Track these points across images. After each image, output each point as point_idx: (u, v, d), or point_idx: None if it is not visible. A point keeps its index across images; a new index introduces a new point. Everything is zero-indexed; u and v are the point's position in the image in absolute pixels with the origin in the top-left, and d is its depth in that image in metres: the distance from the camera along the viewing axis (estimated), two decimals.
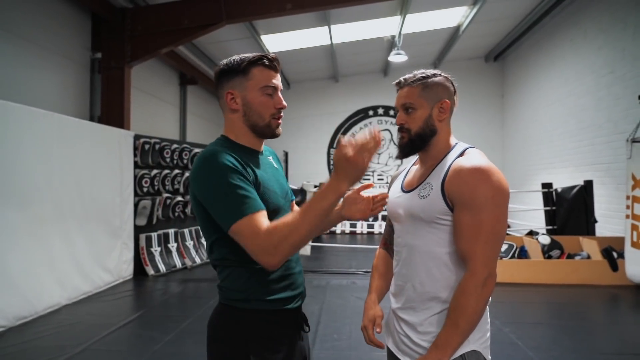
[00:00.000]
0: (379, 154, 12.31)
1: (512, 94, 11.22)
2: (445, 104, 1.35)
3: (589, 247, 5.85)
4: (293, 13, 6.57)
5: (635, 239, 5.01)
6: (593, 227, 6.59)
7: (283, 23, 7.88)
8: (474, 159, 1.27)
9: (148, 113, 8.38)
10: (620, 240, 5.56)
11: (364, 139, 1.12)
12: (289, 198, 1.46)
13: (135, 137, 6.17)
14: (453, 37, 9.62)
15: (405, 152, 1.38)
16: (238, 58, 1.32)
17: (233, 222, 1.16)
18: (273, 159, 1.49)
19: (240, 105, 1.32)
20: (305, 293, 1.45)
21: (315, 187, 8.40)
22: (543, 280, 5.60)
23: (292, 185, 7.79)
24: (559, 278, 5.59)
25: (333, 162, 1.15)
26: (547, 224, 7.33)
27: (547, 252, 5.87)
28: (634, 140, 5.06)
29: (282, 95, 1.36)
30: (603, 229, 6.76)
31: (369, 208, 1.50)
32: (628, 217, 5.12)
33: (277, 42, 8.99)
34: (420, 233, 1.32)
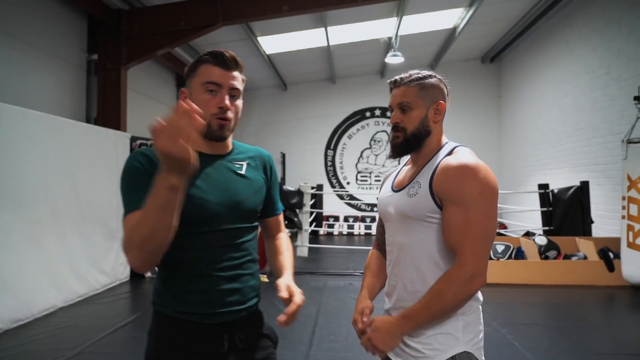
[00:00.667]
0: (376, 155, 12.33)
1: (508, 95, 11.25)
2: (441, 106, 1.36)
3: (586, 247, 5.87)
4: (289, 15, 6.57)
5: (631, 240, 5.03)
6: (589, 227, 6.61)
7: (279, 25, 7.88)
8: (462, 157, 1.28)
9: (144, 115, 8.36)
10: (617, 241, 5.57)
11: (170, 119, 0.96)
12: (243, 210, 1.32)
13: (132, 138, 6.15)
14: (449, 38, 9.64)
15: (400, 152, 1.38)
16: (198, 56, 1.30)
17: (123, 217, 1.15)
18: (249, 165, 1.39)
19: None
20: (244, 311, 1.32)
21: (313, 188, 8.39)
22: (539, 281, 5.61)
23: (289, 187, 7.81)
24: (556, 279, 5.60)
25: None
26: (543, 225, 7.34)
27: (543, 252, 5.89)
28: (630, 141, 5.08)
29: (237, 98, 1.29)
30: (599, 230, 6.79)
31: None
32: (624, 217, 5.14)
33: (273, 43, 9.00)
34: (410, 232, 1.33)
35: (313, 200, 8.82)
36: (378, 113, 12.33)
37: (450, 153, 1.33)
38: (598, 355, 3.39)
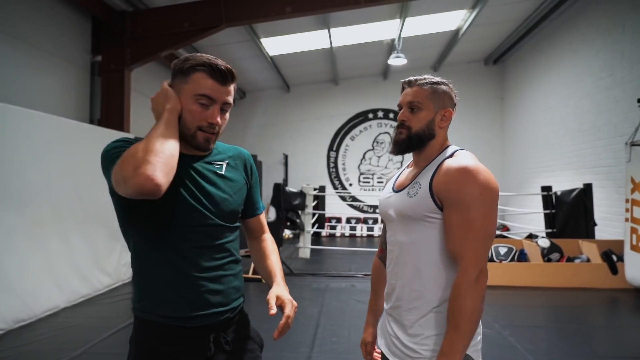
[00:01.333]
0: (379, 157, 12.32)
1: (511, 97, 11.24)
2: (448, 113, 1.39)
3: (589, 250, 5.85)
4: (293, 16, 6.58)
5: (635, 242, 5.01)
6: (592, 230, 6.58)
7: (283, 26, 7.90)
8: (463, 159, 1.30)
9: (148, 116, 8.31)
10: (620, 244, 5.56)
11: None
12: (223, 211, 1.30)
13: (135, 139, 6.16)
14: (452, 40, 9.64)
15: (402, 148, 1.39)
16: (189, 56, 1.24)
17: (115, 165, 1.13)
18: (228, 165, 1.37)
19: None
20: (227, 312, 1.31)
21: (315, 189, 8.40)
22: (542, 284, 5.59)
23: (291, 188, 7.80)
24: (559, 281, 5.58)
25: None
26: (546, 227, 7.32)
27: (546, 255, 5.87)
28: (633, 144, 5.06)
29: (227, 111, 1.27)
30: (603, 232, 6.76)
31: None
32: (627, 220, 5.12)
33: (276, 45, 9.01)
34: (410, 231, 1.34)
35: (315, 202, 8.82)
36: (381, 115, 12.32)
37: (452, 156, 1.35)
38: (600, 359, 3.38)
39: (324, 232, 11.41)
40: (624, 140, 5.42)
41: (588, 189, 6.58)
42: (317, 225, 10.17)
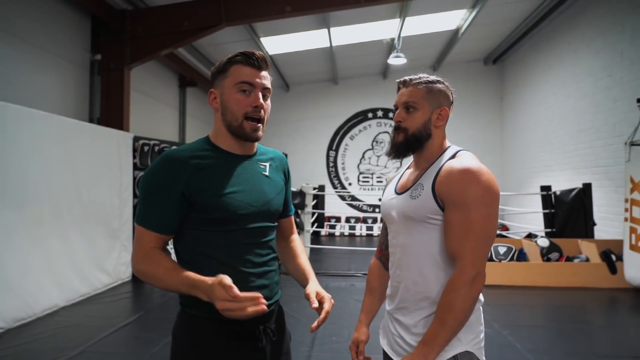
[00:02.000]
0: (378, 156, 12.33)
1: (511, 97, 11.24)
2: (444, 112, 1.39)
3: (588, 249, 5.86)
4: (292, 15, 6.58)
5: (634, 242, 5.02)
6: (592, 229, 6.59)
7: (282, 25, 7.90)
8: (465, 161, 1.30)
9: (147, 115, 8.39)
10: (619, 243, 5.56)
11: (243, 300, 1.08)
12: (270, 210, 1.37)
13: (135, 138, 6.17)
14: (452, 40, 9.64)
15: (400, 151, 1.39)
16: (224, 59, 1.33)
17: (136, 222, 1.28)
18: (271, 166, 1.43)
19: (219, 104, 1.31)
20: (273, 306, 1.38)
21: (315, 189, 8.40)
22: (542, 283, 5.60)
23: (291, 188, 7.79)
24: (558, 281, 5.59)
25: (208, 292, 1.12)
26: (545, 227, 7.33)
27: (545, 254, 5.88)
28: (633, 143, 5.07)
29: (268, 97, 1.31)
30: (602, 232, 6.77)
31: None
32: (627, 219, 5.13)
33: (276, 44, 9.01)
34: (413, 233, 1.34)
35: (315, 201, 8.83)
36: (380, 114, 12.33)
37: (453, 156, 1.35)
38: (600, 358, 3.38)
39: (324, 231, 11.42)
40: (623, 140, 5.43)
41: (587, 189, 6.59)
42: (316, 225, 10.17)
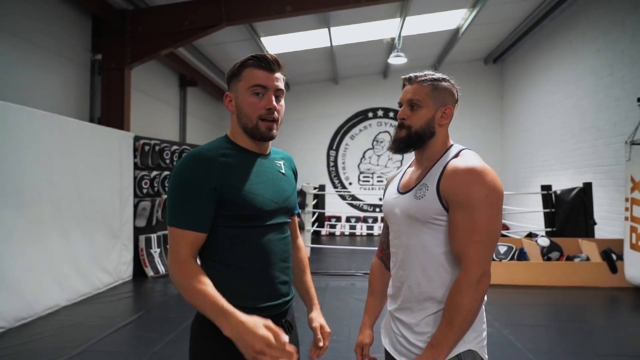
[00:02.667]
0: (379, 156, 12.33)
1: (511, 96, 11.24)
2: (449, 110, 1.38)
3: (588, 249, 5.86)
4: (293, 15, 6.58)
5: (634, 241, 5.02)
6: (592, 229, 6.59)
7: (283, 25, 7.89)
8: (469, 160, 1.29)
9: (148, 114, 8.39)
10: (620, 242, 5.56)
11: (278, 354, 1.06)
12: (288, 207, 1.41)
13: (135, 138, 6.17)
14: (452, 39, 9.64)
15: (401, 147, 1.39)
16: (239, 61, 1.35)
17: (170, 224, 1.26)
18: (285, 165, 1.47)
19: (235, 107, 1.34)
20: (291, 300, 1.42)
21: (315, 188, 8.41)
22: (542, 282, 5.60)
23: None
24: (558, 280, 5.59)
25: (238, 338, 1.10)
26: (546, 226, 7.33)
27: (546, 254, 5.88)
28: (633, 143, 5.07)
29: (281, 98, 1.35)
30: (602, 231, 6.77)
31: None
32: (627, 219, 5.13)
33: (277, 44, 9.01)
34: (416, 233, 1.34)
35: (315, 201, 8.83)
36: (380, 114, 12.32)
37: (457, 156, 1.34)
38: (600, 357, 3.38)
39: (324, 231, 11.42)
40: (624, 139, 5.43)
41: (588, 188, 6.59)
42: (317, 224, 10.17)
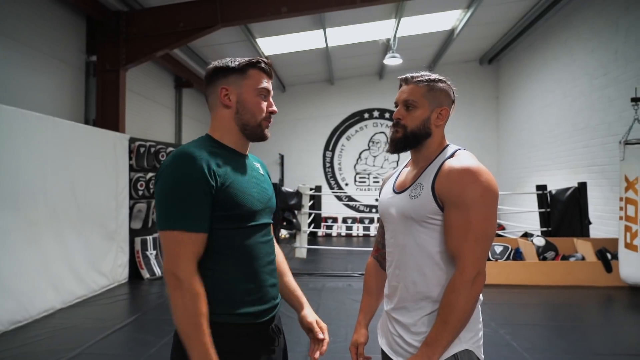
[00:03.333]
0: (374, 157, 12.35)
1: (506, 96, 11.28)
2: (445, 111, 1.38)
3: (584, 248, 5.89)
4: (288, 16, 6.58)
5: (629, 240, 5.05)
6: (587, 228, 6.62)
7: (278, 26, 7.89)
8: (464, 160, 1.30)
9: (143, 116, 8.37)
10: (614, 242, 5.59)
11: None
12: (271, 207, 1.41)
13: (131, 140, 6.15)
14: (448, 40, 9.67)
15: (398, 147, 1.39)
16: (234, 59, 1.34)
17: (167, 227, 1.18)
18: (260, 166, 1.48)
19: (234, 103, 1.32)
20: (279, 304, 1.40)
21: (311, 189, 8.40)
22: (538, 282, 5.62)
23: (287, 188, 7.81)
24: (554, 279, 5.61)
25: None
26: (541, 226, 7.36)
27: (541, 253, 5.90)
28: (627, 142, 5.10)
29: (273, 101, 1.39)
30: (597, 231, 6.80)
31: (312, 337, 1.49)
32: (621, 218, 5.16)
33: (272, 45, 9.01)
34: (412, 233, 1.34)
35: (311, 202, 8.82)
36: (376, 114, 12.34)
37: (452, 156, 1.34)
38: (596, 356, 3.40)
39: (320, 232, 11.42)
40: (618, 139, 5.46)
41: (583, 188, 6.62)
42: (313, 225, 10.16)
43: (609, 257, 5.59)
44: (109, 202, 5.61)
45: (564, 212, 6.76)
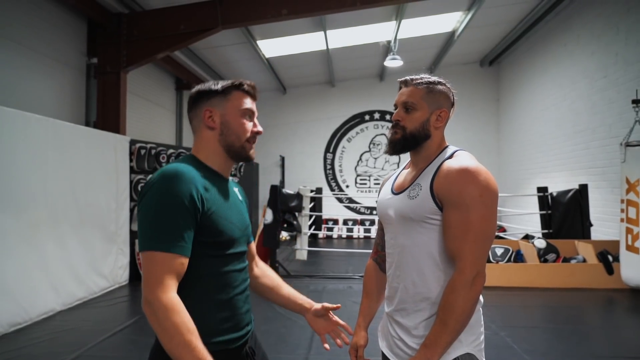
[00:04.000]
0: (375, 159, 12.34)
1: (507, 99, 11.28)
2: (444, 113, 1.38)
3: (585, 250, 5.87)
4: (289, 18, 6.59)
5: (630, 243, 5.03)
6: (588, 230, 6.61)
7: (279, 28, 7.90)
8: (463, 160, 1.30)
9: (144, 118, 8.38)
10: (616, 244, 5.57)
11: None
12: (248, 235, 1.41)
13: (131, 142, 6.15)
14: (448, 42, 9.67)
15: (397, 148, 1.39)
16: (217, 81, 1.35)
17: (149, 248, 1.14)
18: (239, 192, 1.46)
19: (218, 124, 1.31)
20: (253, 328, 1.40)
21: (312, 191, 8.40)
22: (539, 284, 5.61)
23: (288, 190, 7.80)
24: (555, 282, 5.60)
25: None
26: (542, 228, 7.35)
27: (542, 255, 5.89)
28: (628, 144, 5.09)
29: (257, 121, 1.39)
30: (598, 233, 6.79)
31: (330, 330, 1.59)
32: (623, 220, 5.14)
33: (273, 47, 9.02)
34: (411, 233, 1.34)
35: (312, 204, 8.82)
36: (377, 116, 12.34)
37: (451, 156, 1.34)
38: (597, 359, 3.39)
39: (321, 233, 11.41)
40: (619, 141, 5.45)
41: (583, 190, 6.61)
42: (314, 227, 10.15)
43: (610, 259, 5.58)
44: (110, 204, 5.61)
45: (565, 214, 6.76)
